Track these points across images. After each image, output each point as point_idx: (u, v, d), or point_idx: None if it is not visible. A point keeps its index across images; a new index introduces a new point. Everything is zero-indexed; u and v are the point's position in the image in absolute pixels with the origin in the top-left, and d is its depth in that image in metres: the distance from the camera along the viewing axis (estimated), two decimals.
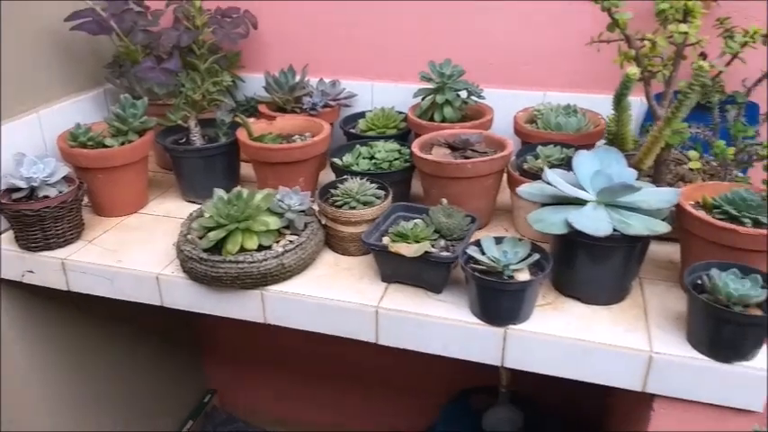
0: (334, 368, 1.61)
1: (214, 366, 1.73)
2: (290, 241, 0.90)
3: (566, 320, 0.80)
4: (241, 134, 1.07)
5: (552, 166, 0.96)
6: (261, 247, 0.88)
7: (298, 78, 1.23)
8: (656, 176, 0.96)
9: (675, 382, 0.74)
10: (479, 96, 1.14)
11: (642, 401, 0.81)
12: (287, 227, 0.92)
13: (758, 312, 0.71)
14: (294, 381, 1.69)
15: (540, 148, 0.99)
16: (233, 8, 1.26)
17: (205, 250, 0.88)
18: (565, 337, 0.78)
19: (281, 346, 1.63)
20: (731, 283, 0.72)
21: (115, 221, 1.09)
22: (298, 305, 0.88)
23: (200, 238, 0.90)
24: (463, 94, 1.14)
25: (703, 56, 0.90)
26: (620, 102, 0.84)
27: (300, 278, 0.90)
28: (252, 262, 0.86)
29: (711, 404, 0.74)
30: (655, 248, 0.93)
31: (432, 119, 1.13)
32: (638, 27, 0.93)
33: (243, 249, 0.87)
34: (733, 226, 0.76)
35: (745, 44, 0.87)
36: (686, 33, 0.83)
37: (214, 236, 0.87)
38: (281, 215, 0.91)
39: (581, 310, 0.82)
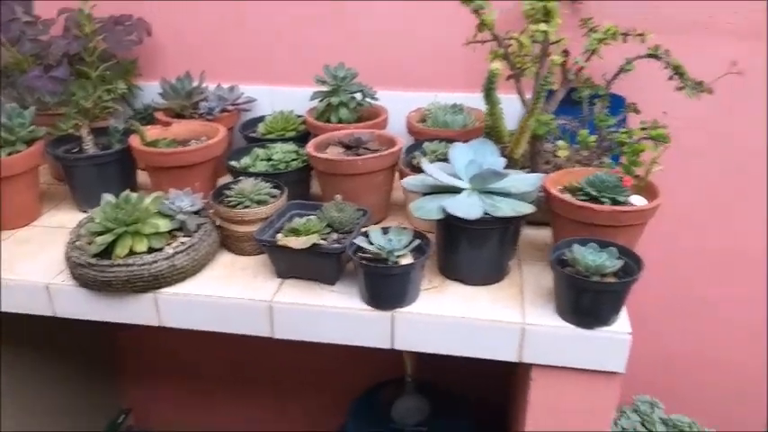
0: (250, 378, 1.62)
1: (129, 384, 1.68)
2: (182, 243, 0.90)
3: (449, 301, 0.85)
4: (134, 140, 1.07)
5: (438, 160, 1.01)
6: (152, 250, 0.88)
7: (195, 84, 1.24)
8: (532, 167, 1.03)
9: (546, 350, 0.80)
10: (373, 98, 1.19)
11: (526, 374, 0.87)
12: (180, 229, 0.93)
13: (613, 280, 0.78)
14: (210, 393, 1.67)
15: (425, 144, 1.05)
16: (125, 16, 1.25)
17: (94, 255, 0.87)
18: (448, 316, 0.83)
19: (196, 360, 1.61)
20: (589, 256, 0.78)
21: (5, 235, 1.05)
22: (192, 306, 0.89)
23: (90, 243, 0.89)
24: (358, 96, 1.19)
25: (566, 53, 0.98)
26: (489, 96, 0.90)
27: (195, 279, 0.91)
28: (142, 264, 0.86)
29: (581, 369, 0.81)
30: (533, 233, 1.00)
31: (328, 120, 1.17)
32: (513, 27, 1.00)
33: (133, 253, 0.87)
34: (589, 204, 0.83)
35: (601, 40, 0.95)
36: (546, 32, 0.90)
37: (102, 240, 0.86)
38: (171, 217, 0.91)
39: (464, 291, 0.87)
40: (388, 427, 1.18)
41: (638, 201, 0.86)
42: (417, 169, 1.02)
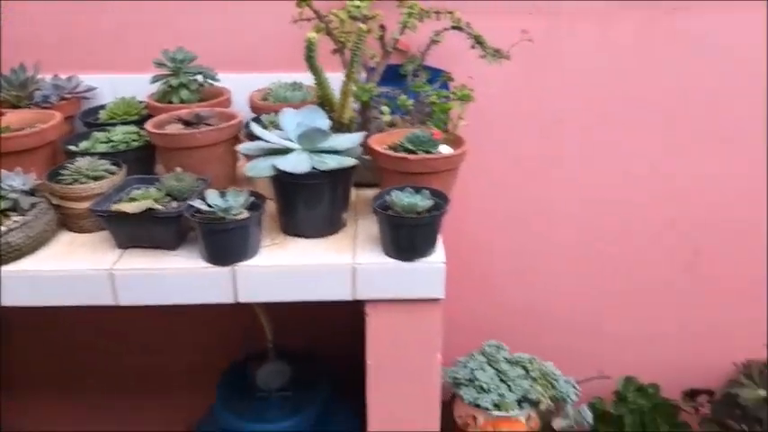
0: (130, 384, 1.60)
1: (9, 406, 1.59)
2: (15, 221, 0.90)
3: (289, 254, 0.92)
4: None
5: (276, 129, 1.08)
6: None
7: (30, 74, 1.22)
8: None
9: (375, 285, 0.90)
10: (214, 79, 1.24)
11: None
12: (13, 209, 0.92)
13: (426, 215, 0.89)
14: (94, 405, 1.63)
15: (263, 116, 1.11)
16: None
17: None
18: (286, 265, 0.89)
19: (78, 373, 1.57)
20: (405, 198, 0.89)
21: None
22: (30, 282, 0.89)
23: None
24: (199, 77, 1.22)
25: (383, 28, 1.09)
26: (311, 65, 0.98)
27: (33, 257, 0.91)
28: None
29: (407, 299, 0.91)
30: (369, 193, 1.09)
31: (170, 102, 1.20)
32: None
33: None
34: (404, 155, 0.94)
35: (411, 15, 1.07)
36: (359, 7, 1.00)
37: None
38: (3, 197, 0.90)
39: (303, 244, 0.95)
40: (254, 396, 1.22)
41: (446, 150, 0.98)
42: (258, 139, 1.08)
